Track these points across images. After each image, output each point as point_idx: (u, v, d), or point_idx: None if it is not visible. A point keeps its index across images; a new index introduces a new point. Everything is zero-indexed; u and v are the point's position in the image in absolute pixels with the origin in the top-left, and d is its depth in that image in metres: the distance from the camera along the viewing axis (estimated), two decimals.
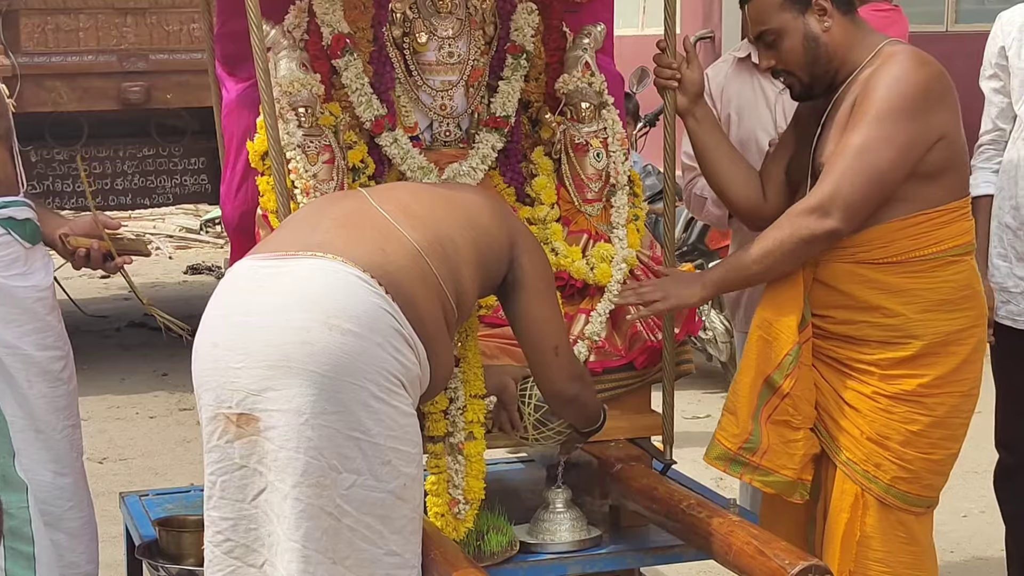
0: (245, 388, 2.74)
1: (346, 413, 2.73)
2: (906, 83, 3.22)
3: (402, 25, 3.62)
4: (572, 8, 3.82)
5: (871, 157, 3.20)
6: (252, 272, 2.86)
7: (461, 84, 3.66)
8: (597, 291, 3.59)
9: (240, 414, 2.75)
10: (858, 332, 3.32)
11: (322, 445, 2.72)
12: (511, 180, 3.75)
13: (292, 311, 2.75)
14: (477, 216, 3.07)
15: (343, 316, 2.74)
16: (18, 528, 3.45)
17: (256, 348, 2.73)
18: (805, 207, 3.23)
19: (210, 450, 2.81)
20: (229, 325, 2.80)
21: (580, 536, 3.43)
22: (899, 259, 3.28)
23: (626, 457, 3.49)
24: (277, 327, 2.73)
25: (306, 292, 2.76)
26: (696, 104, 3.55)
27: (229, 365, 2.76)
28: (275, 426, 2.73)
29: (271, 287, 2.79)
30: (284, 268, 2.82)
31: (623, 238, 3.65)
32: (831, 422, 3.37)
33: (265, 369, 2.72)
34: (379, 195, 3.05)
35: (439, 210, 3.02)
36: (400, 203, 3.00)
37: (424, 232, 2.93)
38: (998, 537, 4.70)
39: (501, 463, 4.22)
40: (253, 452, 2.76)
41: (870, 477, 3.32)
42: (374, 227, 2.90)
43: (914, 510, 3.37)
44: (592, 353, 3.52)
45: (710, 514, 3.14)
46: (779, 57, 3.37)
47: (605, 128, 3.69)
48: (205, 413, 2.82)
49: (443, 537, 3.13)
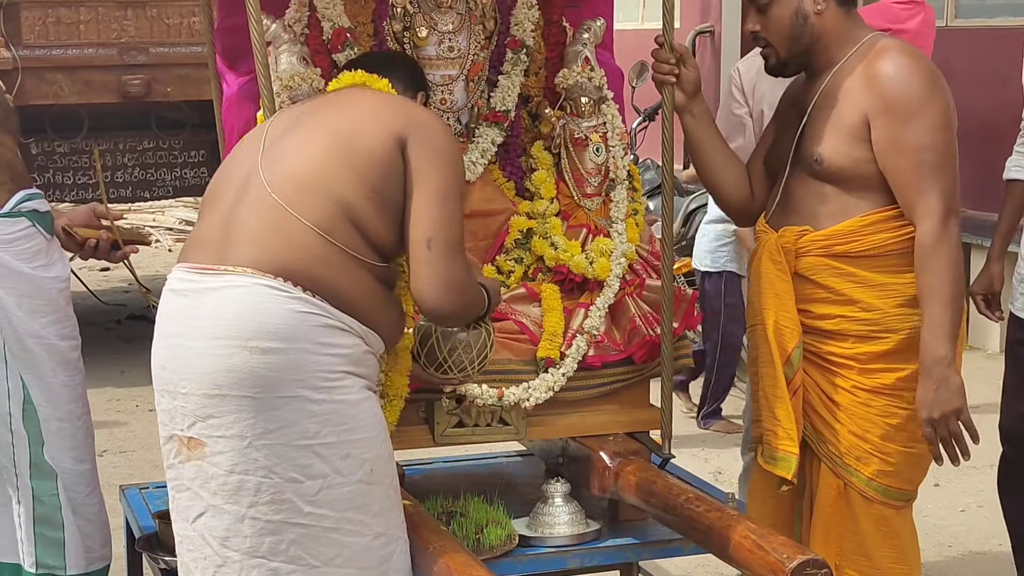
0: (193, 413, 2.81)
1: (289, 426, 2.78)
2: (919, 71, 3.26)
3: (402, 19, 3.62)
4: (572, 3, 3.82)
5: (941, 146, 3.24)
6: (182, 286, 2.87)
7: (461, 78, 3.66)
8: (596, 285, 3.60)
9: (190, 438, 2.82)
10: (836, 327, 3.33)
11: (271, 463, 2.78)
12: (511, 174, 3.75)
13: (216, 338, 2.78)
14: (363, 149, 2.88)
15: (260, 335, 2.77)
16: (49, 515, 3.52)
17: (194, 376, 2.80)
18: (938, 222, 3.21)
19: (169, 467, 2.90)
20: (170, 347, 2.86)
21: (579, 530, 3.43)
22: (875, 252, 3.29)
23: (625, 451, 3.50)
24: (206, 355, 2.79)
25: (225, 316, 2.78)
26: (693, 100, 3.55)
27: (177, 390, 2.83)
28: (222, 451, 2.79)
29: (197, 310, 2.82)
30: (204, 286, 2.82)
31: (622, 232, 3.66)
32: (815, 416, 3.39)
33: (203, 397, 2.79)
34: (271, 170, 2.89)
35: (328, 167, 2.87)
36: (290, 176, 2.87)
37: (320, 208, 2.83)
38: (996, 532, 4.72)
39: (500, 456, 4.23)
40: (197, 476, 2.82)
41: (852, 471, 3.34)
42: (276, 221, 2.83)
43: (895, 504, 3.38)
44: (591, 347, 3.53)
45: (708, 508, 3.14)
46: (765, 24, 3.37)
47: (605, 123, 3.70)
48: (162, 431, 2.91)
49: (443, 530, 3.14)
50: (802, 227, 3.34)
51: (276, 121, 3.04)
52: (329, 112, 3.01)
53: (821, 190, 3.33)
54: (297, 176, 2.87)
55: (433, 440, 3.47)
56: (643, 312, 3.61)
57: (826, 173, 3.31)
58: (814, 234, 3.32)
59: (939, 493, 5.70)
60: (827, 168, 3.30)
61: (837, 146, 3.29)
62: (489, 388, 3.42)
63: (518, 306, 3.57)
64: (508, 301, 3.58)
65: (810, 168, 3.34)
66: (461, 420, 3.48)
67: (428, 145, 2.90)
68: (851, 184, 3.30)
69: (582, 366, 3.52)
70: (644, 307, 3.62)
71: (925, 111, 3.23)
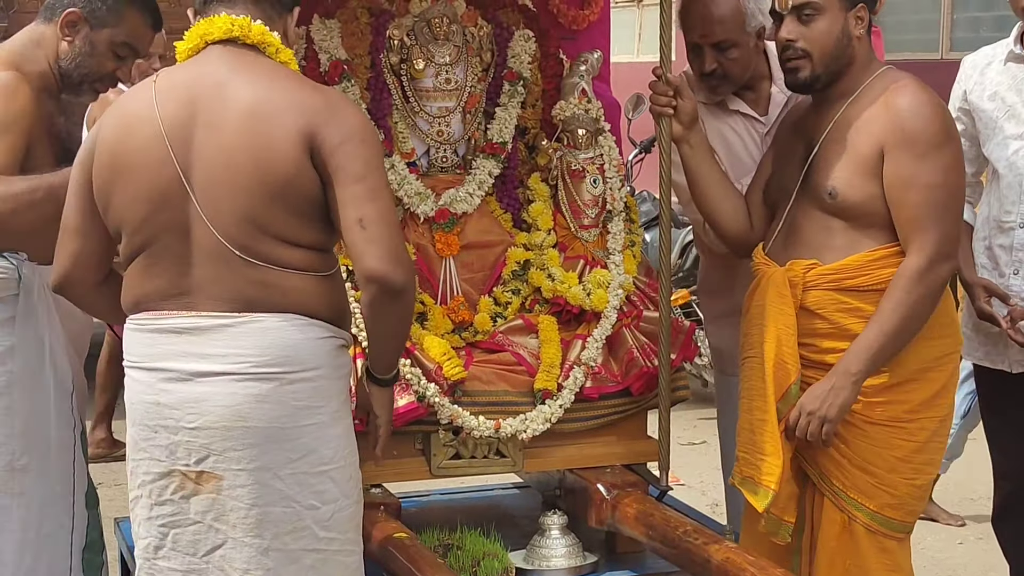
0: (206, 447, 2.75)
1: (310, 454, 2.78)
2: (938, 111, 3.27)
3: (399, 52, 3.63)
4: (569, 35, 3.84)
5: (951, 187, 3.26)
6: (177, 324, 2.78)
7: (458, 110, 3.67)
8: (593, 317, 3.59)
9: (200, 472, 2.76)
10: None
11: (293, 493, 2.77)
12: (508, 206, 3.76)
13: (238, 374, 2.74)
14: (280, 175, 2.74)
15: (289, 365, 2.76)
16: (95, 540, 3.59)
17: (208, 409, 2.74)
18: (925, 262, 3.21)
19: (161, 503, 2.80)
20: (168, 383, 2.78)
21: (576, 562, 3.42)
22: (882, 287, 3.28)
23: (622, 483, 3.49)
24: (225, 391, 2.74)
25: (250, 348, 2.74)
26: (691, 131, 3.55)
27: (181, 424, 2.76)
28: (243, 485, 2.75)
29: (208, 344, 2.75)
30: (214, 323, 2.76)
31: (619, 264, 3.66)
32: (817, 451, 3.37)
33: (223, 430, 2.74)
34: (212, 209, 2.74)
35: (255, 204, 2.74)
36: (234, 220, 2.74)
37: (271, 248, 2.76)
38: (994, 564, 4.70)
39: (497, 489, 4.22)
40: (210, 509, 2.77)
41: (856, 505, 3.33)
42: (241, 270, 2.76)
43: (897, 536, 3.38)
44: (588, 379, 3.52)
45: (707, 541, 3.13)
46: (808, 36, 3.31)
47: (601, 154, 3.71)
48: (154, 468, 2.80)
49: (439, 563, 3.13)
50: (810, 260, 3.33)
51: (168, 115, 2.77)
52: (229, 113, 2.76)
53: (828, 224, 3.32)
54: (247, 223, 2.75)
55: (430, 472, 3.47)
56: (640, 344, 3.60)
57: (838, 207, 3.30)
58: (823, 268, 3.31)
59: (937, 525, 5.69)
60: (840, 202, 3.29)
61: (852, 179, 3.27)
62: (486, 420, 3.42)
63: (515, 337, 3.57)
64: (505, 332, 3.58)
65: (820, 201, 3.32)
66: (458, 452, 3.47)
67: (336, 133, 2.75)
68: (861, 220, 3.29)
69: (579, 398, 3.51)
70: (641, 338, 3.62)
71: (942, 151, 3.24)
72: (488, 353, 3.55)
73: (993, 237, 3.76)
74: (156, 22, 3.44)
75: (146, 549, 2.84)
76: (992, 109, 3.76)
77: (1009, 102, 3.73)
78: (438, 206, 3.60)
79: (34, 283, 3.34)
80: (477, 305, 3.62)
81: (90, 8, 3.33)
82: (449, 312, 3.58)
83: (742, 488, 3.38)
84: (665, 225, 3.59)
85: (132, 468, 2.86)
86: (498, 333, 3.58)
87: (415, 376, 3.36)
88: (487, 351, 3.56)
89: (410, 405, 3.34)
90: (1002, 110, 3.74)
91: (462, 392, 3.44)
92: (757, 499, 3.32)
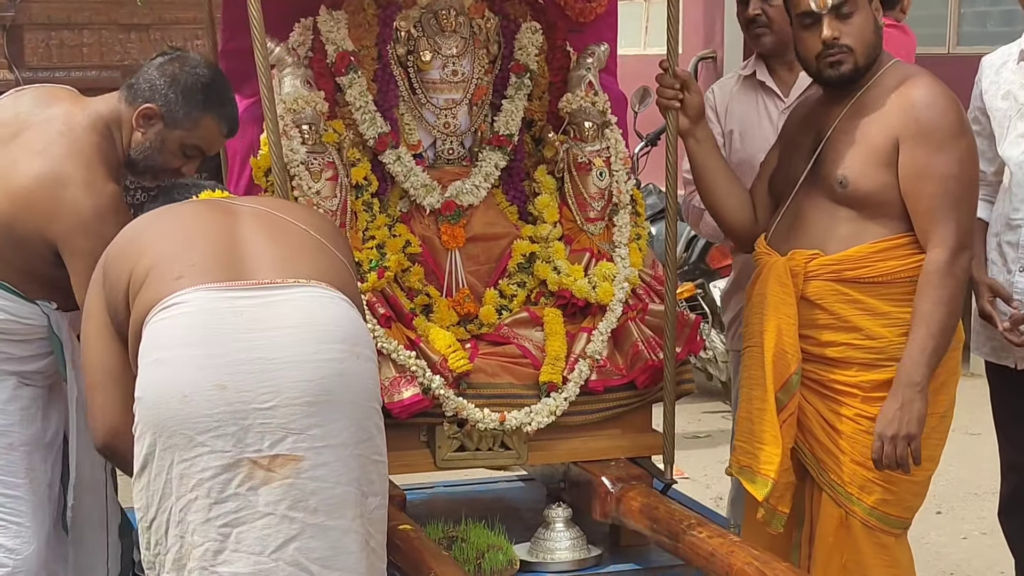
0: (283, 427, 2.59)
1: (370, 439, 2.71)
2: (953, 104, 3.28)
3: (406, 43, 3.63)
4: (576, 28, 3.83)
5: (966, 179, 3.28)
6: (227, 305, 2.66)
7: (465, 102, 3.67)
8: (599, 310, 3.59)
9: (274, 456, 2.59)
10: (841, 354, 3.32)
11: (359, 475, 2.67)
12: (514, 199, 3.75)
13: (321, 343, 2.64)
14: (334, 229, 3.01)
15: (362, 344, 2.72)
16: (125, 570, 3.57)
17: (288, 385, 2.60)
18: (949, 255, 3.23)
19: (223, 500, 2.59)
20: (233, 364, 2.61)
21: (580, 555, 3.43)
22: (884, 280, 3.29)
23: (627, 476, 3.49)
24: (308, 362, 2.62)
25: (318, 324, 2.66)
26: (697, 125, 3.55)
27: (252, 407, 2.58)
28: (326, 462, 2.62)
29: (269, 322, 2.64)
30: (271, 300, 2.67)
31: (625, 257, 3.66)
32: (816, 444, 3.38)
33: (305, 406, 2.60)
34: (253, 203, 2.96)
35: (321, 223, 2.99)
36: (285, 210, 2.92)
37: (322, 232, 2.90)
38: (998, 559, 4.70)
39: (501, 481, 4.22)
40: (284, 497, 2.60)
41: (854, 500, 3.33)
42: (295, 236, 2.82)
43: (894, 532, 3.38)
44: (594, 372, 3.52)
45: (711, 534, 3.13)
46: (849, 31, 3.31)
47: (608, 147, 3.70)
48: (215, 461, 2.58)
49: (444, 555, 3.13)
50: (812, 251, 3.33)
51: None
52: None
53: (835, 213, 3.32)
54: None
55: (434, 464, 3.47)
56: (646, 337, 3.60)
57: (848, 196, 3.30)
58: (824, 258, 3.31)
59: (941, 520, 5.68)
60: (851, 191, 3.29)
61: (864, 168, 3.28)
62: (491, 412, 3.42)
63: (521, 330, 3.57)
64: (511, 325, 3.58)
65: (829, 190, 3.33)
66: (463, 444, 3.47)
67: None
68: (869, 209, 3.30)
69: (584, 391, 3.51)
70: (647, 332, 3.62)
71: (957, 142, 3.25)
72: (493, 346, 3.55)
73: (1003, 234, 3.77)
74: (231, 130, 3.38)
75: (203, 556, 2.59)
76: (1006, 108, 3.77)
77: (1021, 100, 3.74)
78: (444, 198, 3.60)
79: (63, 327, 3.34)
80: (483, 297, 3.62)
81: (168, 108, 3.25)
82: (454, 304, 3.59)
83: (740, 477, 3.39)
84: (671, 218, 3.59)
85: (181, 471, 2.60)
86: (503, 326, 3.58)
87: (420, 368, 3.36)
88: (492, 343, 3.56)
89: (415, 397, 3.34)
90: (1015, 109, 3.75)
91: (467, 384, 3.44)
92: (755, 488, 3.33)
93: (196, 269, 2.69)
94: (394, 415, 3.32)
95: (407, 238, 3.55)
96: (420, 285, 3.57)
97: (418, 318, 3.51)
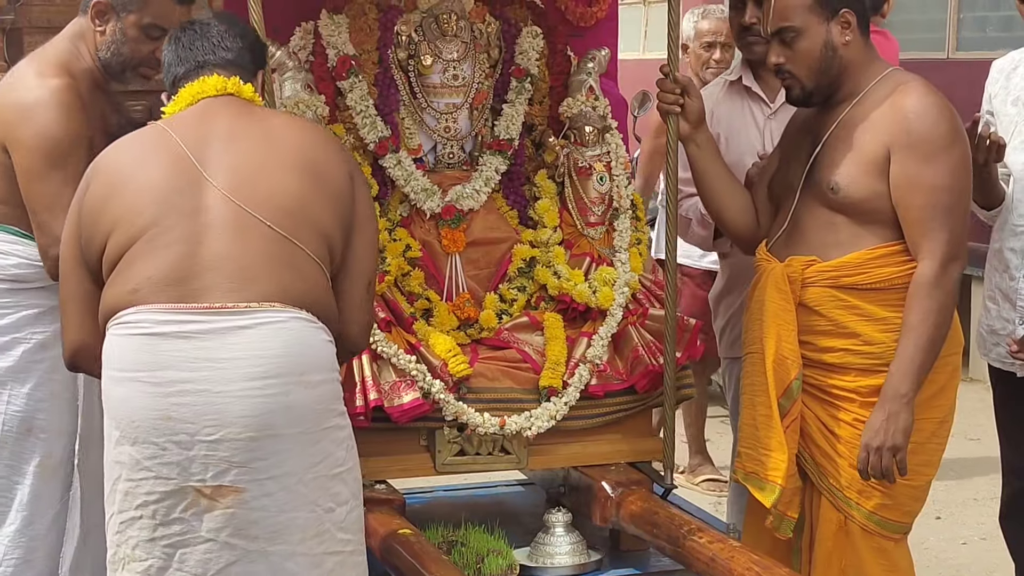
0: (226, 460, 2.63)
1: (327, 457, 2.74)
2: (945, 113, 3.27)
3: (407, 47, 3.63)
4: (577, 32, 3.83)
5: (958, 189, 3.26)
6: (176, 329, 2.65)
7: (465, 106, 3.67)
8: (599, 315, 3.59)
9: (218, 486, 2.63)
10: (839, 360, 3.33)
11: (315, 496, 2.71)
12: (514, 203, 3.75)
13: (266, 378, 2.64)
14: (333, 180, 2.85)
15: (311, 369, 2.71)
16: None
17: (231, 420, 2.62)
18: (939, 265, 3.22)
19: (167, 523, 2.65)
20: (179, 395, 2.63)
21: (580, 560, 3.42)
22: (880, 286, 3.29)
23: (627, 481, 3.49)
24: (252, 398, 2.63)
25: (272, 353, 2.66)
26: (697, 130, 3.56)
27: (196, 438, 2.62)
28: (269, 493, 2.66)
29: (223, 350, 2.64)
30: (226, 325, 2.65)
31: (625, 262, 3.66)
32: (815, 449, 3.38)
33: (248, 440, 2.63)
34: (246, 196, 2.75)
35: (312, 197, 2.80)
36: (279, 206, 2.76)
37: (314, 239, 2.78)
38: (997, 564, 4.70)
39: (501, 486, 4.22)
40: (226, 525, 2.65)
41: (852, 504, 3.34)
42: (284, 253, 2.74)
43: (893, 536, 3.38)
44: (594, 376, 3.52)
45: (711, 539, 3.13)
46: (791, 57, 3.35)
47: (608, 152, 3.70)
48: (160, 487, 2.64)
49: (443, 560, 3.12)
50: (809, 257, 3.33)
51: (179, 131, 2.81)
52: (271, 131, 2.86)
53: (832, 219, 3.33)
54: (286, 206, 2.77)
55: (434, 469, 3.47)
56: (646, 342, 3.60)
57: (840, 203, 3.30)
58: (822, 264, 3.32)
59: (941, 525, 5.68)
60: (842, 197, 3.30)
61: (855, 176, 3.28)
62: (491, 416, 3.41)
63: (521, 335, 3.57)
64: (511, 329, 3.58)
65: (823, 196, 3.33)
66: (462, 449, 3.47)
67: (366, 191, 2.97)
68: (863, 216, 3.30)
69: (584, 395, 3.51)
70: (647, 336, 3.62)
71: (949, 152, 3.24)
72: (493, 350, 3.55)
73: (1005, 240, 3.77)
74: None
75: (147, 571, 2.68)
76: (1015, 113, 3.77)
77: None
78: (444, 202, 3.60)
79: None
80: (483, 302, 3.62)
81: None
82: (455, 309, 3.59)
83: (747, 484, 3.39)
84: (672, 222, 3.59)
85: (128, 488, 2.67)
86: (503, 330, 3.58)
87: (420, 372, 3.36)
88: (492, 348, 3.56)
89: (415, 401, 3.34)
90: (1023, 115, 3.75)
91: (467, 389, 3.43)
92: (764, 495, 3.33)
93: (151, 284, 2.69)
94: (394, 419, 3.33)
95: (407, 242, 3.55)
96: (420, 289, 3.57)
97: (418, 322, 3.50)
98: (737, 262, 4.06)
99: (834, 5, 3.32)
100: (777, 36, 3.36)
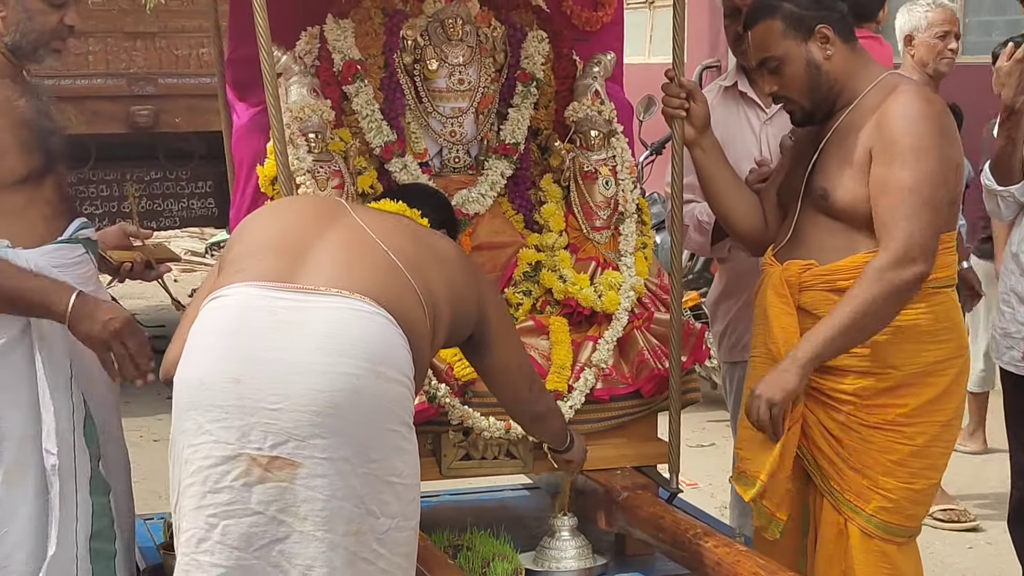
0: (286, 431, 2.60)
1: (385, 459, 2.68)
2: (928, 118, 3.25)
3: (413, 52, 3.63)
4: (582, 37, 3.84)
5: (926, 194, 3.22)
6: (266, 304, 2.68)
7: (471, 111, 3.67)
8: (605, 319, 3.59)
9: (274, 457, 2.60)
10: (838, 362, 3.32)
11: (364, 493, 2.65)
12: (520, 207, 3.76)
13: (336, 356, 2.62)
14: (452, 272, 2.91)
15: (387, 364, 2.67)
16: (104, 529, 3.47)
17: (298, 391, 2.60)
18: (889, 260, 3.20)
19: (217, 491, 2.62)
20: (252, 360, 2.63)
21: (586, 564, 3.42)
22: None
23: (632, 485, 3.49)
24: (322, 372, 2.61)
25: (345, 337, 2.64)
26: (703, 134, 3.57)
27: (260, 405, 2.60)
28: (323, 475, 2.61)
29: (299, 327, 2.64)
30: (308, 305, 2.66)
31: (631, 266, 3.66)
32: (817, 452, 3.38)
33: (311, 415, 2.60)
34: (365, 217, 2.89)
35: (419, 249, 2.88)
36: (384, 232, 2.83)
37: (411, 267, 2.80)
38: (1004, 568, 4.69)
39: (506, 490, 4.22)
40: (276, 499, 2.61)
41: (853, 507, 3.34)
42: (370, 252, 2.78)
43: (896, 540, 3.37)
44: (599, 381, 3.52)
45: (716, 543, 3.13)
46: (782, 83, 3.39)
47: (614, 156, 3.71)
48: (217, 451, 2.62)
49: (449, 564, 3.13)
50: (807, 261, 3.34)
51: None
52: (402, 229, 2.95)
53: (829, 225, 3.34)
54: (407, 253, 2.82)
55: (440, 473, 3.47)
56: (651, 346, 3.60)
57: (832, 208, 3.32)
58: (818, 268, 3.32)
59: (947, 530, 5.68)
60: (832, 203, 3.31)
61: (844, 182, 3.30)
62: (496, 421, 3.42)
63: (526, 339, 3.56)
64: None
65: (818, 203, 3.35)
66: (468, 453, 3.47)
67: (501, 305, 3.14)
68: (855, 221, 3.30)
69: (590, 399, 3.51)
70: (652, 341, 3.62)
71: (922, 158, 3.22)
72: None
73: (1021, 243, 3.78)
74: None
75: (188, 542, 2.65)
76: None
77: None
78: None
79: (30, 267, 3.30)
80: None
81: None
82: None
83: (736, 483, 3.40)
84: (677, 227, 3.59)
85: (188, 456, 2.66)
86: None
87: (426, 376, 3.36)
88: None
89: (421, 405, 3.33)
90: None
91: (473, 393, 3.43)
92: (743, 488, 3.34)
93: (258, 265, 2.75)
94: None
95: None
96: None
97: None
98: (735, 267, 4.07)
99: (807, 24, 3.34)
100: (763, 66, 3.41)
